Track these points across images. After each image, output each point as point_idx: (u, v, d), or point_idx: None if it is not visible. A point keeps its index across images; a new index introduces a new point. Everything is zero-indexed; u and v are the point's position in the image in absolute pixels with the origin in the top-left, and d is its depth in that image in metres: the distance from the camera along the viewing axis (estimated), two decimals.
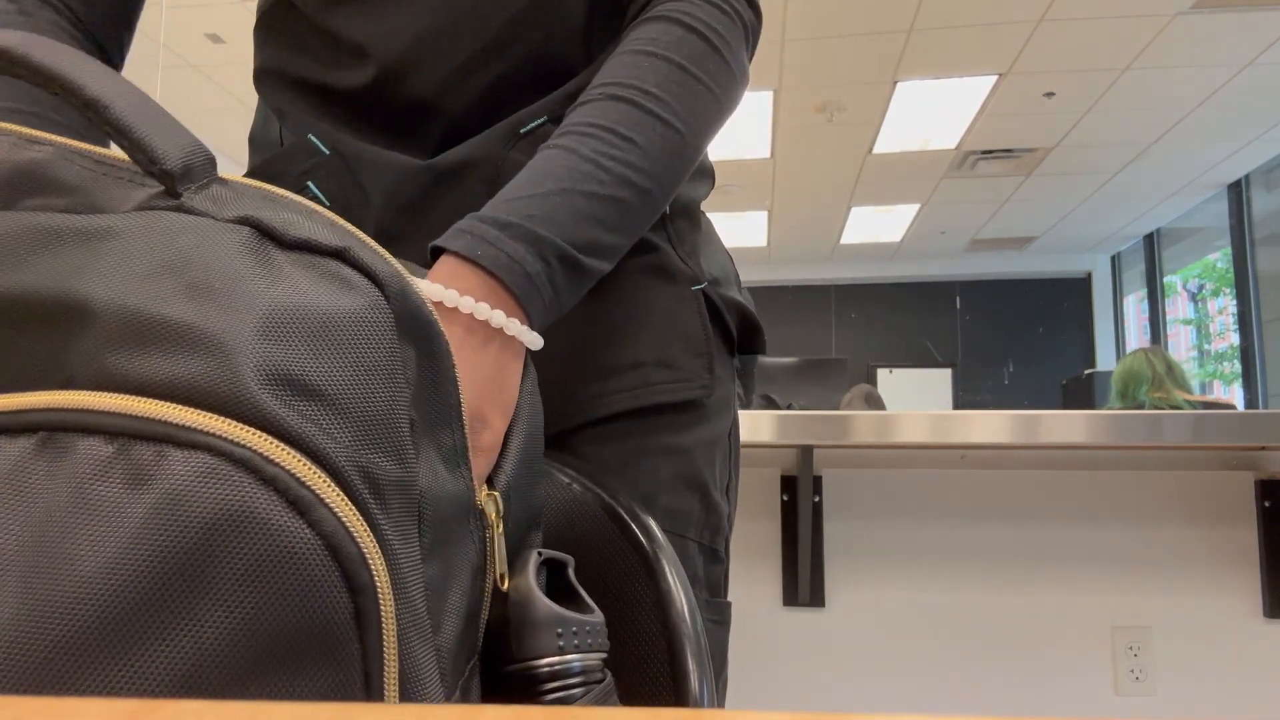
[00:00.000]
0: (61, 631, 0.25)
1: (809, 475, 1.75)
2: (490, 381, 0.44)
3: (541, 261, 0.48)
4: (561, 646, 0.38)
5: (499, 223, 0.48)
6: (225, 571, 0.26)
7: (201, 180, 0.32)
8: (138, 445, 0.27)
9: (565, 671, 0.38)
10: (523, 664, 0.38)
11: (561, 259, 0.49)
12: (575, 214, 0.50)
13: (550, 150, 0.52)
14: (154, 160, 0.31)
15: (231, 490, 0.26)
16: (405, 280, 0.33)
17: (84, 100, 0.31)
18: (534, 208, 0.49)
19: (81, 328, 0.29)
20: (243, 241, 0.30)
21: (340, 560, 0.28)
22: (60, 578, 0.26)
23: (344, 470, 0.28)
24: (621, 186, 0.52)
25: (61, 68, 0.32)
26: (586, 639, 0.39)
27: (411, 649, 0.30)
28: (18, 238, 0.31)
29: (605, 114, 0.53)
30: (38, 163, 0.32)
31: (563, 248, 0.49)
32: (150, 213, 0.31)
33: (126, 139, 0.31)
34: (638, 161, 0.53)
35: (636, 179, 0.53)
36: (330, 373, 0.29)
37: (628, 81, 0.55)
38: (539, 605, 0.39)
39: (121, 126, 0.31)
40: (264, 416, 0.27)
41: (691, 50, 0.57)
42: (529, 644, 0.38)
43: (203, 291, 0.29)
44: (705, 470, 0.65)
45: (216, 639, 0.26)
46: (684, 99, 0.55)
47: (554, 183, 0.50)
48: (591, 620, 0.40)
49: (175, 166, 0.31)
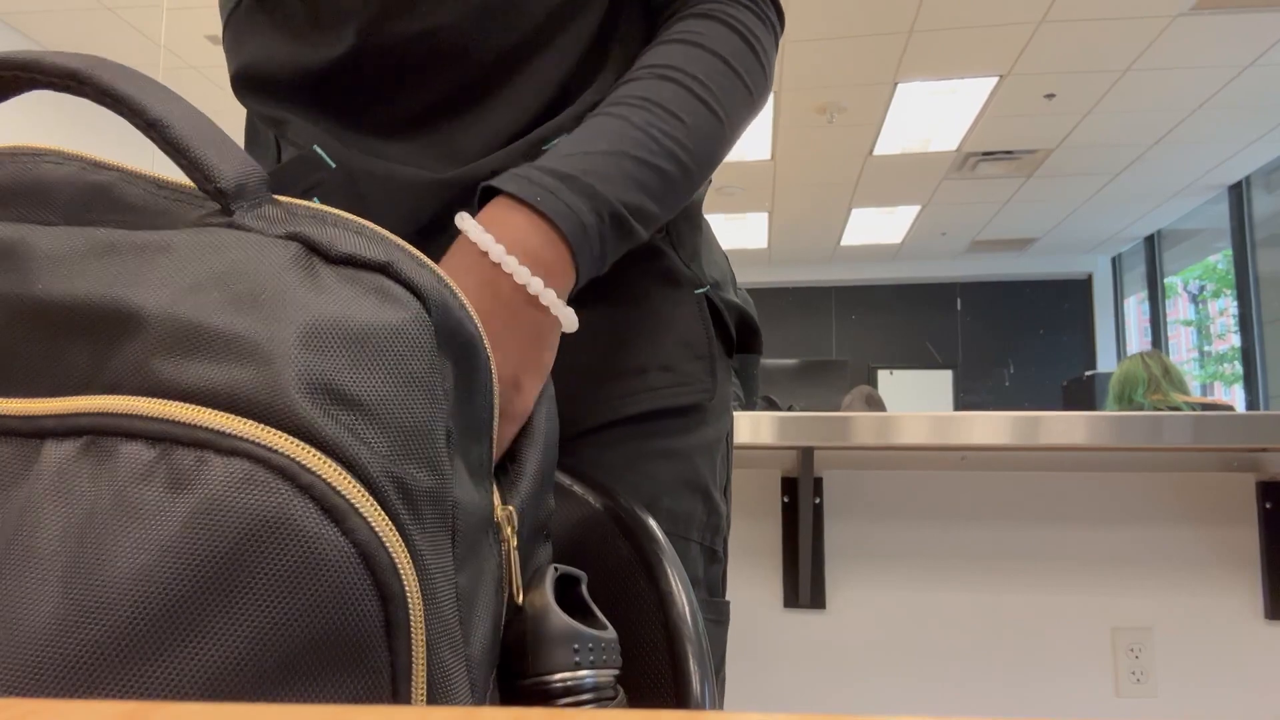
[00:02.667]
0: (99, 632, 0.26)
1: (809, 477, 1.75)
2: (528, 347, 0.45)
3: (596, 216, 0.49)
4: (577, 662, 0.39)
5: (557, 174, 0.49)
6: (259, 577, 0.26)
7: (254, 199, 0.33)
8: (179, 450, 0.27)
9: (579, 687, 0.38)
10: (537, 678, 0.38)
11: (614, 217, 0.50)
12: (627, 177, 0.51)
13: (601, 116, 0.54)
14: (209, 179, 0.33)
15: (268, 497, 0.27)
16: (448, 294, 0.33)
17: (147, 120, 0.33)
18: (590, 164, 0.50)
19: (129, 335, 0.29)
20: (290, 256, 0.31)
21: (372, 569, 0.28)
22: (99, 579, 0.26)
23: (378, 480, 0.29)
24: (668, 159, 0.53)
25: (126, 90, 0.34)
26: (601, 655, 0.40)
27: (442, 659, 0.30)
28: (78, 250, 0.32)
29: (655, 91, 0.55)
30: (103, 184, 0.34)
31: (615, 206, 0.50)
32: (203, 229, 0.32)
33: (184, 158, 0.33)
34: (684, 139, 0.54)
35: (682, 155, 0.54)
36: (370, 384, 0.30)
37: (676, 65, 0.56)
38: (555, 620, 0.39)
39: (180, 146, 0.33)
40: (302, 425, 0.28)
41: (733, 48, 0.58)
42: (544, 659, 0.38)
43: (248, 302, 0.29)
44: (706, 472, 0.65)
45: (249, 643, 0.26)
46: (726, 90, 0.57)
47: (607, 144, 0.51)
48: (605, 636, 0.40)
49: (229, 185, 0.33)
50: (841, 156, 5.73)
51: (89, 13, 4.08)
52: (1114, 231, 7.43)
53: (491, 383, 0.36)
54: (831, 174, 6.07)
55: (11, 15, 4.14)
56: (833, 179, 6.17)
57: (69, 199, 0.34)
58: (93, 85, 0.34)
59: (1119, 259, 8.11)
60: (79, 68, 0.34)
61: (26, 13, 4.11)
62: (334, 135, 0.59)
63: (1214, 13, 3.94)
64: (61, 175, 0.35)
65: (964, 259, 8.26)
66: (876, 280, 8.48)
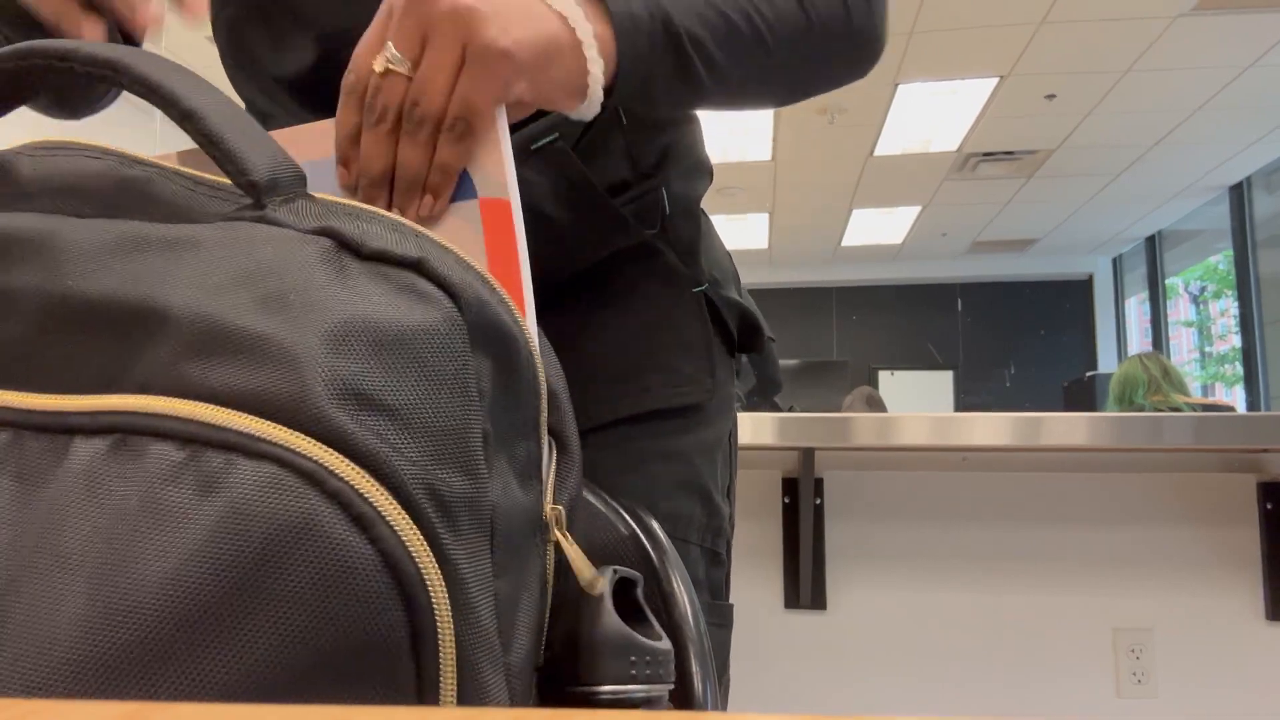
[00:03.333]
0: (125, 635, 0.26)
1: (810, 477, 1.75)
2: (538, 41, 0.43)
3: (649, 17, 0.48)
4: (632, 675, 0.36)
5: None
6: (285, 583, 0.26)
7: (287, 194, 0.33)
8: (208, 452, 0.27)
9: (628, 700, 0.36)
10: (585, 688, 0.36)
11: (666, 26, 0.49)
12: (693, 8, 0.50)
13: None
14: (243, 171, 0.32)
15: (295, 502, 0.27)
16: (484, 288, 0.33)
17: (181, 111, 0.33)
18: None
19: (159, 334, 0.29)
20: (321, 252, 0.31)
21: (398, 578, 0.28)
22: (126, 581, 0.26)
23: (408, 487, 0.28)
24: (742, 17, 0.52)
25: (161, 80, 0.34)
26: (658, 669, 0.37)
27: (479, 671, 0.30)
28: (107, 245, 0.31)
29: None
30: (138, 179, 0.34)
31: (673, 22, 0.49)
32: (233, 224, 0.32)
33: (217, 149, 0.33)
34: (764, 9, 0.53)
35: (758, 20, 0.53)
36: (400, 387, 0.29)
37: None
38: (611, 627, 0.36)
39: (214, 138, 0.33)
40: (330, 431, 0.28)
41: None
42: (597, 668, 0.36)
43: (277, 303, 0.29)
44: (706, 473, 0.65)
45: (273, 649, 0.26)
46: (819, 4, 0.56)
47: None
48: (660, 649, 0.37)
49: (262, 178, 0.33)
50: (842, 157, 5.73)
51: None
52: (1115, 232, 7.43)
53: (535, 378, 0.35)
54: (832, 175, 6.06)
55: None
56: (833, 180, 6.17)
57: (104, 192, 0.34)
58: (129, 76, 0.34)
59: (1120, 260, 8.11)
60: (116, 58, 0.34)
61: None
62: None
63: (1215, 13, 3.94)
64: (97, 169, 0.35)
65: (965, 260, 8.26)
66: (877, 281, 8.48)
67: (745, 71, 0.54)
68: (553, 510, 0.37)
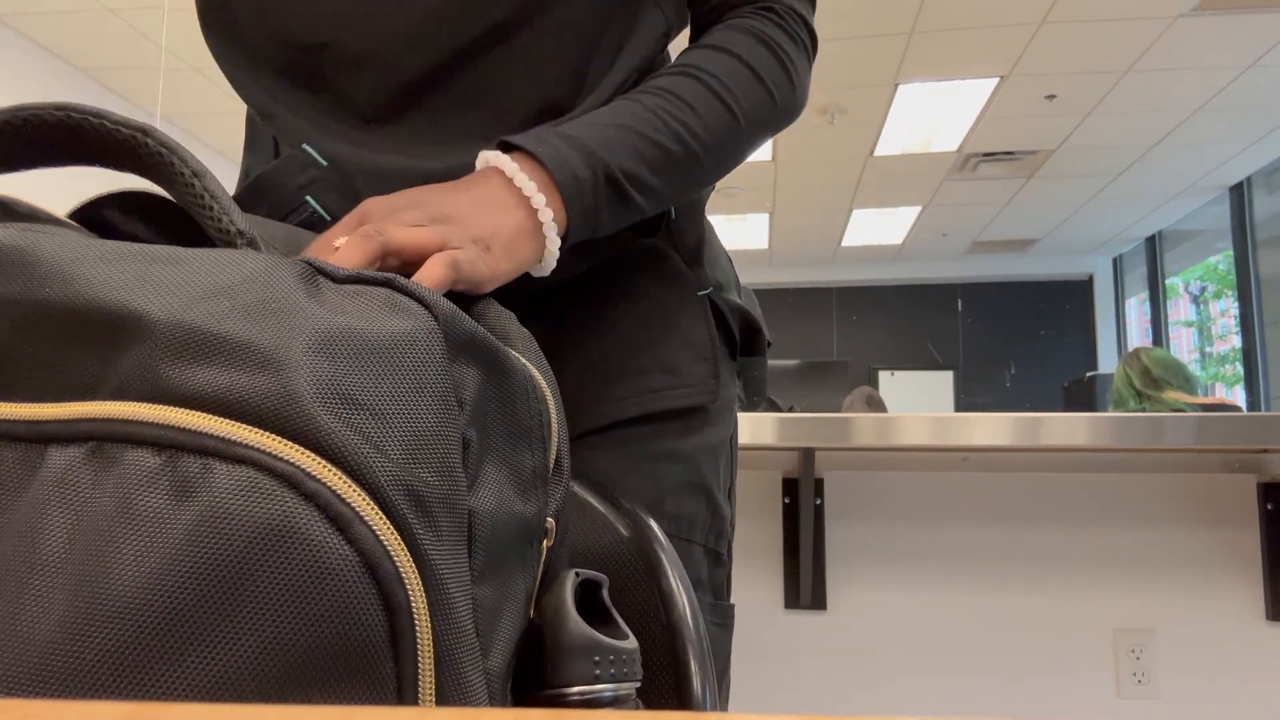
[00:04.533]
0: (104, 641, 0.26)
1: (810, 478, 1.75)
2: (508, 229, 0.49)
3: (590, 173, 0.53)
4: (597, 675, 0.37)
5: (561, 135, 0.54)
6: (264, 585, 0.26)
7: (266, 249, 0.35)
8: (185, 457, 0.27)
9: (597, 700, 0.37)
10: (554, 690, 0.37)
11: (609, 178, 0.54)
12: (627, 146, 0.55)
13: (619, 100, 0.58)
14: (231, 221, 0.35)
15: (273, 505, 0.27)
16: (454, 307, 0.34)
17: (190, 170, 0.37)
18: (593, 132, 0.55)
19: (136, 340, 0.29)
20: (299, 273, 0.32)
21: (377, 578, 0.28)
22: (104, 587, 0.26)
23: (385, 488, 0.29)
24: (673, 140, 0.57)
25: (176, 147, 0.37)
26: (622, 668, 0.38)
27: (460, 671, 0.30)
28: (85, 255, 0.32)
29: (674, 84, 0.59)
30: None
31: (612, 169, 0.54)
32: (216, 248, 0.34)
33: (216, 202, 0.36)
34: (694, 125, 0.58)
35: (688, 139, 0.58)
36: (377, 391, 0.30)
37: (701, 66, 0.60)
38: (574, 630, 0.37)
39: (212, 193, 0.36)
40: (310, 433, 0.28)
41: (762, 59, 0.62)
42: (562, 670, 0.37)
43: (258, 311, 0.30)
44: (710, 474, 0.65)
45: (253, 652, 0.26)
46: (748, 94, 0.61)
47: (614, 119, 0.56)
48: (626, 647, 0.38)
49: (246, 232, 0.35)
50: (842, 157, 5.73)
51: (91, 14, 4.08)
52: (1115, 232, 7.43)
53: (533, 390, 0.36)
54: (832, 175, 6.07)
55: (13, 17, 4.15)
56: (834, 180, 6.17)
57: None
58: (155, 139, 0.36)
59: (1120, 260, 8.11)
60: (145, 125, 0.37)
61: (28, 14, 4.12)
62: (319, 127, 0.59)
63: (1215, 13, 3.93)
64: None
65: (965, 260, 8.26)
66: (877, 281, 8.48)
67: (683, 183, 0.59)
68: (548, 524, 0.37)
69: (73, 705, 0.22)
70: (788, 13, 0.65)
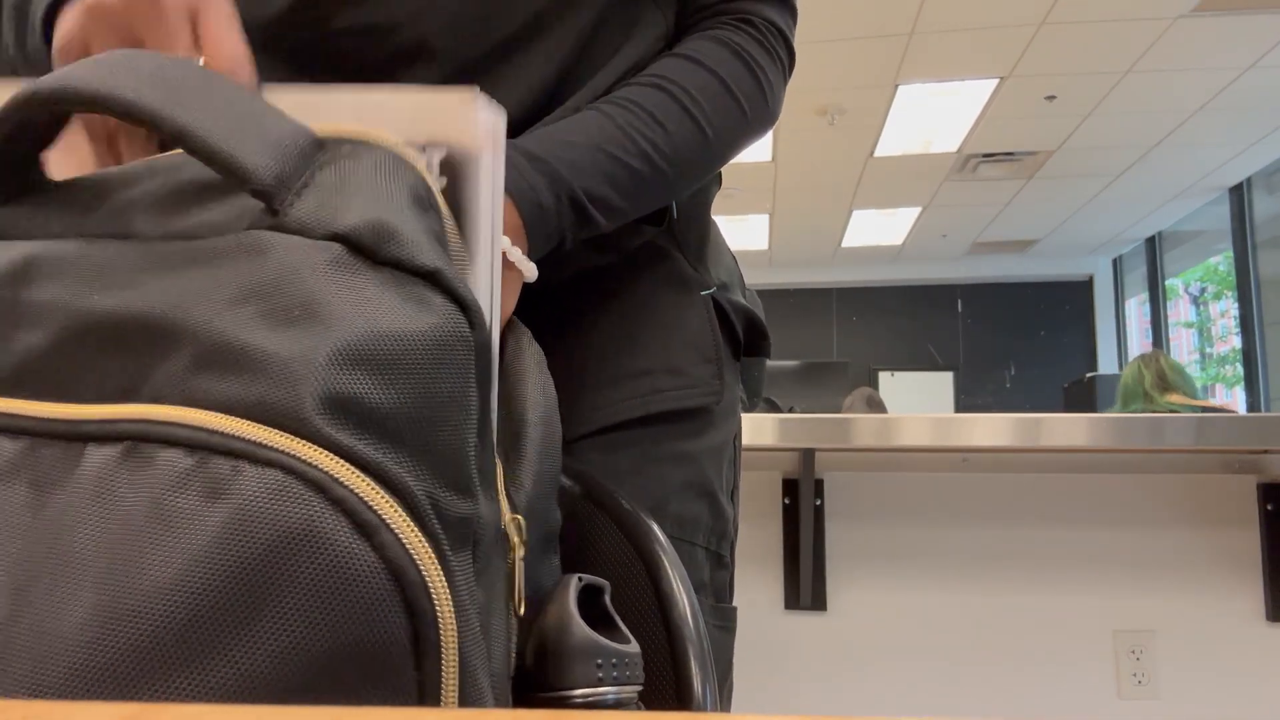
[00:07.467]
0: (129, 639, 0.26)
1: (810, 478, 1.75)
2: None
3: (554, 197, 0.52)
4: (600, 678, 0.37)
5: (527, 153, 0.53)
6: (289, 589, 0.26)
7: (301, 180, 0.32)
8: (216, 459, 0.28)
9: (600, 704, 0.38)
10: (557, 693, 0.37)
11: (573, 202, 0.53)
12: (595, 168, 0.55)
13: (590, 111, 0.57)
14: (246, 180, 0.32)
15: (300, 509, 0.27)
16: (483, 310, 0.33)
17: (172, 132, 0.32)
18: (560, 151, 0.54)
19: (171, 349, 0.30)
20: (331, 259, 0.31)
21: (402, 586, 0.28)
22: (133, 585, 0.26)
23: (414, 497, 0.29)
24: (641, 160, 0.57)
25: (146, 102, 0.32)
26: (625, 671, 0.38)
27: (476, 679, 0.30)
28: (130, 263, 0.32)
29: (645, 97, 0.58)
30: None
31: (576, 192, 0.53)
32: (249, 233, 0.32)
33: (216, 164, 0.32)
34: (662, 145, 0.57)
35: (656, 158, 0.57)
36: (403, 401, 0.30)
37: (672, 78, 0.59)
38: (577, 633, 0.38)
39: (209, 152, 0.32)
40: (335, 441, 0.28)
41: (734, 71, 0.62)
42: (565, 673, 0.37)
43: (282, 318, 0.30)
44: (713, 476, 0.65)
45: (276, 655, 0.26)
46: (718, 108, 0.60)
47: (582, 136, 0.55)
48: (629, 651, 0.39)
49: (269, 181, 0.32)
50: (842, 158, 5.73)
51: None
52: (1115, 233, 7.43)
53: (494, 398, 0.36)
54: (832, 176, 6.07)
55: None
56: (833, 181, 6.17)
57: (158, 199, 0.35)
58: (108, 104, 0.33)
59: (1120, 261, 8.11)
60: (94, 90, 0.33)
61: None
62: None
63: (1215, 14, 3.94)
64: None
65: (965, 261, 8.26)
66: (877, 282, 8.48)
67: (649, 201, 0.59)
68: (513, 519, 0.37)
69: (73, 706, 0.22)
70: (766, 27, 0.64)
